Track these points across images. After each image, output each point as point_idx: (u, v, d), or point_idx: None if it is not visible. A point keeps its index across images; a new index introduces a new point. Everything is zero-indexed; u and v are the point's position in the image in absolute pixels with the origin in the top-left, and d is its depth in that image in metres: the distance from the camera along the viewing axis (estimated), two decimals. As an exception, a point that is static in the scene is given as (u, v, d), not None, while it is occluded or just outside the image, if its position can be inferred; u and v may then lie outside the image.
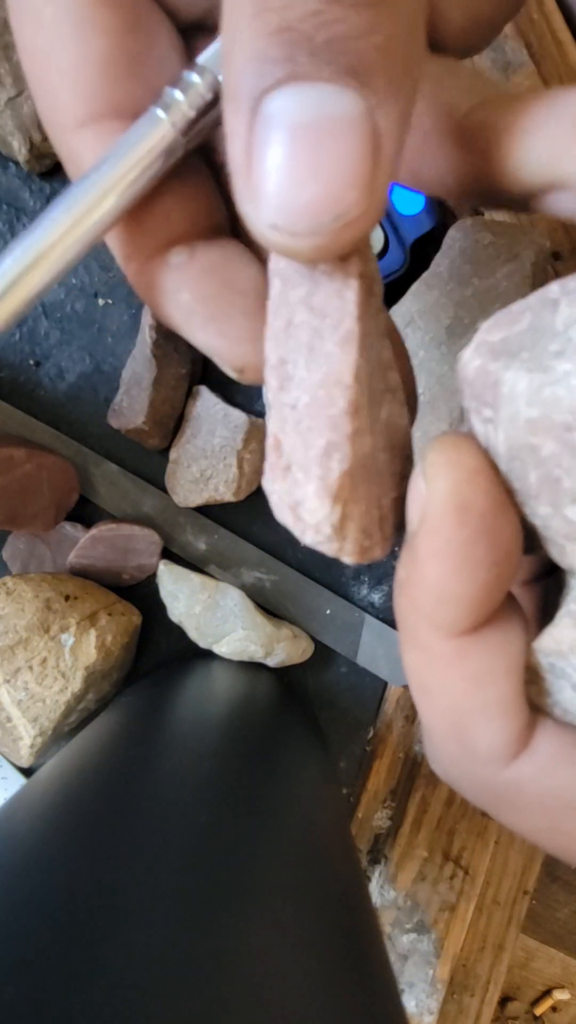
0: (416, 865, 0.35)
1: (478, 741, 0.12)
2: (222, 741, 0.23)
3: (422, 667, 0.12)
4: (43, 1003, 0.12)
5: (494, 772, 0.12)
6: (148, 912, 0.15)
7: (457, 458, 0.10)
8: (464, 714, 0.12)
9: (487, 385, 0.10)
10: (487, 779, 0.12)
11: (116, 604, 0.31)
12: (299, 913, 0.17)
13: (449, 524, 0.10)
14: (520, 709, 0.12)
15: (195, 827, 0.18)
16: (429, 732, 0.13)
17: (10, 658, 0.28)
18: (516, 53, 0.29)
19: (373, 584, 0.34)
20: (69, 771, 0.21)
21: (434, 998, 0.35)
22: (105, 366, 0.32)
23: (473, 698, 0.12)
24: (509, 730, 0.12)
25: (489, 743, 0.12)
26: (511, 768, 0.12)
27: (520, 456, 0.10)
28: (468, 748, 0.12)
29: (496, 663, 0.11)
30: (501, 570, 0.11)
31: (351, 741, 0.35)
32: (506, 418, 0.10)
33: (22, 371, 0.33)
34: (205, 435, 0.31)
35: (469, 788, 0.13)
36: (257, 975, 0.14)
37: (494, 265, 0.27)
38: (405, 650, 0.13)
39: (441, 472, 0.10)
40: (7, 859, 0.16)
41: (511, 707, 0.12)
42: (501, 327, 0.10)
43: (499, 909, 0.36)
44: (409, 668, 0.13)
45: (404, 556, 0.12)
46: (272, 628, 0.31)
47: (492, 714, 0.12)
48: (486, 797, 0.13)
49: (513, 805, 0.13)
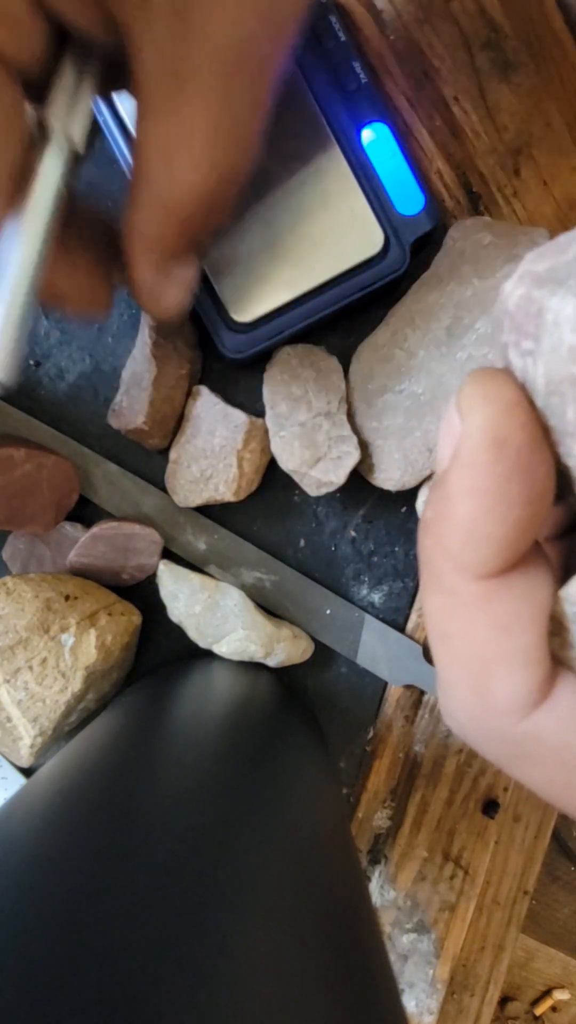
0: (416, 865, 0.35)
1: (498, 690, 0.12)
2: (222, 741, 0.23)
3: (445, 612, 0.12)
4: (43, 1003, 0.12)
5: (512, 723, 0.12)
6: (148, 912, 0.15)
7: (495, 391, 0.10)
8: (486, 662, 0.12)
9: (530, 314, 0.10)
10: (505, 730, 0.12)
11: (116, 604, 0.31)
12: (299, 913, 0.17)
13: (484, 459, 0.10)
14: (543, 659, 0.11)
15: (195, 827, 0.18)
16: (446, 682, 0.13)
17: (10, 658, 0.28)
18: (516, 53, 0.29)
19: (373, 584, 0.34)
20: (69, 771, 0.21)
21: (434, 998, 0.35)
22: (105, 366, 0.32)
23: (496, 645, 0.11)
24: (531, 680, 0.11)
25: (510, 693, 0.12)
26: (530, 719, 0.12)
27: (560, 390, 0.10)
28: (487, 698, 0.12)
29: (522, 609, 0.11)
30: (534, 510, 0.10)
31: (351, 741, 0.35)
32: (548, 348, 0.10)
33: (22, 371, 0.33)
34: (205, 435, 0.31)
35: (485, 740, 0.13)
36: (256, 975, 0.14)
37: (494, 265, 0.27)
38: (427, 595, 0.12)
39: (477, 405, 0.10)
40: (7, 859, 0.16)
41: (534, 656, 0.11)
42: (547, 257, 0.10)
43: (499, 909, 0.36)
44: (431, 614, 0.12)
45: (433, 495, 0.11)
46: (272, 628, 0.31)
47: (515, 663, 0.11)
48: (502, 749, 0.13)
49: (530, 758, 0.12)
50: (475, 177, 0.31)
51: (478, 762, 0.35)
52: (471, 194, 0.31)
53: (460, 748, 0.35)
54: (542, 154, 0.30)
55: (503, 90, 0.30)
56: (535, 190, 0.31)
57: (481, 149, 0.30)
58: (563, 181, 0.30)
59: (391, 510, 0.33)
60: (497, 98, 0.30)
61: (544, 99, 0.30)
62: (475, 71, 0.30)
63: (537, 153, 0.30)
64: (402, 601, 0.34)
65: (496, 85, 0.30)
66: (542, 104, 0.30)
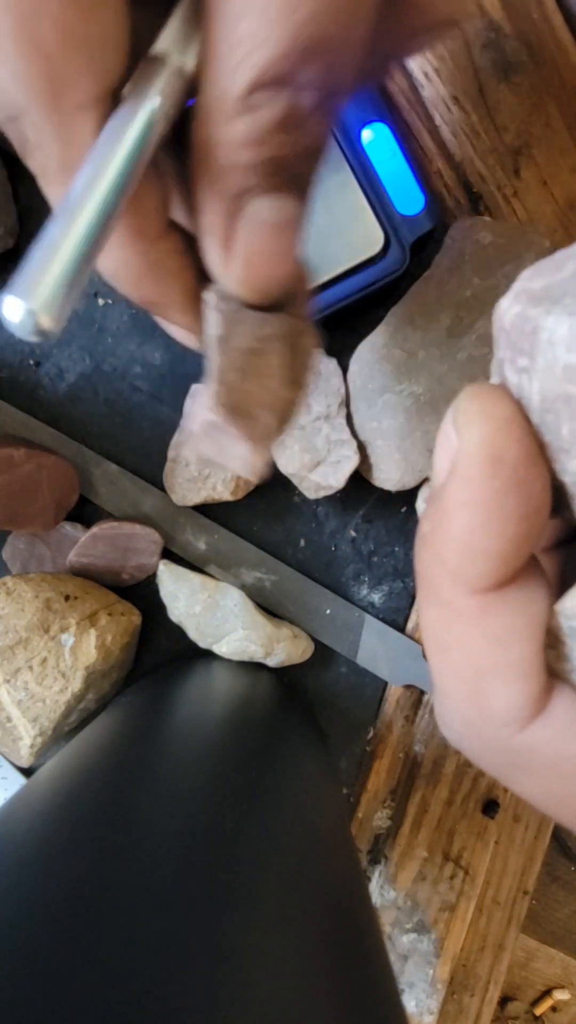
0: (416, 865, 0.35)
1: (495, 702, 0.12)
2: (222, 741, 0.23)
3: (442, 624, 0.12)
4: (43, 1003, 0.12)
5: (509, 735, 0.12)
6: (148, 912, 0.15)
7: (491, 407, 0.10)
8: (482, 674, 0.12)
9: (525, 332, 0.10)
10: (501, 742, 0.12)
11: (116, 604, 0.31)
12: (299, 913, 0.17)
13: (480, 474, 0.10)
14: (539, 672, 0.12)
15: (195, 827, 0.18)
16: (443, 693, 0.13)
17: (10, 658, 0.28)
18: (516, 53, 0.29)
19: (373, 584, 0.34)
20: (69, 771, 0.21)
21: (434, 998, 0.35)
22: (105, 366, 0.32)
23: (493, 657, 0.11)
24: (527, 692, 0.11)
25: (506, 705, 0.12)
26: (526, 732, 0.12)
27: (554, 407, 0.10)
28: (484, 709, 0.12)
29: (518, 623, 0.11)
30: (530, 525, 0.10)
31: (351, 741, 0.35)
32: (543, 366, 0.10)
33: (22, 371, 0.33)
34: (205, 435, 0.31)
35: (481, 751, 0.13)
36: (256, 975, 0.14)
37: (494, 265, 0.27)
38: (424, 607, 0.12)
39: (474, 421, 0.10)
40: (7, 859, 0.16)
41: (531, 669, 0.11)
42: (543, 275, 0.10)
43: (499, 909, 0.36)
44: (427, 626, 0.12)
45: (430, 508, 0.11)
46: (272, 628, 0.31)
47: (511, 675, 0.11)
48: (498, 760, 0.13)
49: (526, 769, 0.12)
50: (475, 177, 0.31)
51: (478, 762, 0.35)
52: (471, 194, 0.31)
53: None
54: (542, 154, 0.30)
55: (503, 90, 0.30)
56: (535, 190, 0.31)
57: (481, 149, 0.30)
58: (563, 181, 0.30)
59: (391, 510, 0.33)
60: (497, 98, 0.30)
61: (544, 99, 0.30)
62: (475, 71, 0.30)
63: (537, 153, 0.30)
64: (402, 601, 0.34)
65: (496, 85, 0.30)
66: (542, 104, 0.30)
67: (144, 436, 0.33)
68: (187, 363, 0.32)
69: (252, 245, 0.13)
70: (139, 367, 0.33)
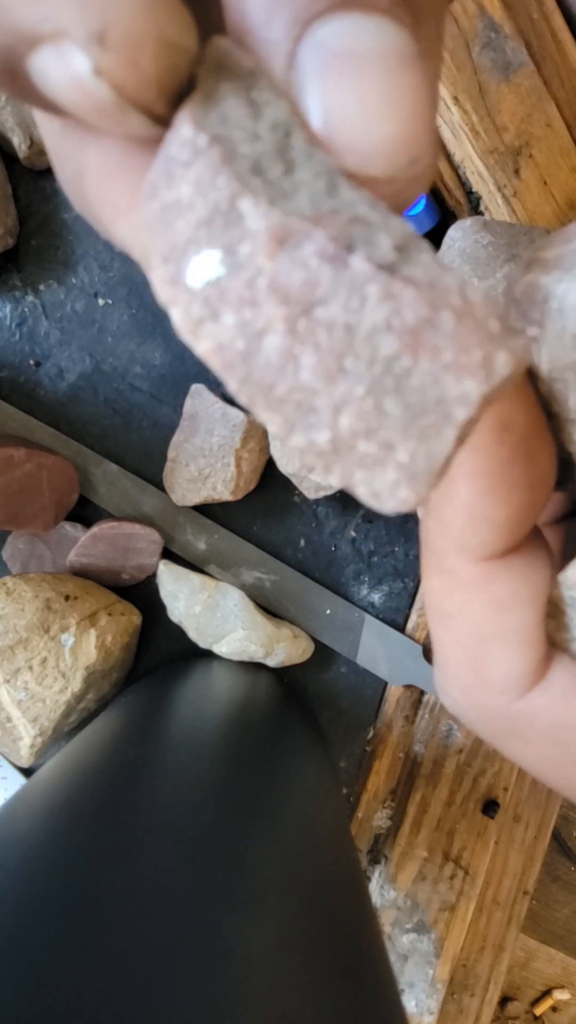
0: (416, 865, 0.35)
1: (495, 669, 0.12)
2: (222, 741, 0.23)
3: (445, 592, 0.12)
4: (43, 1002, 0.12)
5: (508, 702, 0.12)
6: (148, 912, 0.15)
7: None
8: (483, 641, 0.12)
9: (535, 301, 0.10)
10: (500, 708, 0.12)
11: (116, 604, 0.31)
12: (299, 913, 0.17)
13: (487, 442, 0.10)
14: (540, 640, 0.12)
15: (195, 827, 0.18)
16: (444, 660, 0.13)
17: (10, 658, 0.28)
18: (516, 53, 0.29)
19: (373, 584, 0.34)
20: (69, 771, 0.21)
21: (434, 998, 0.35)
22: (105, 366, 0.32)
23: (495, 624, 0.11)
24: (527, 660, 0.12)
25: (506, 672, 0.12)
26: (525, 698, 0.12)
27: (563, 376, 0.10)
28: (484, 676, 0.12)
29: (520, 591, 0.11)
30: (535, 494, 0.10)
31: (351, 741, 0.35)
32: (552, 335, 0.10)
33: (22, 371, 0.33)
34: (203, 434, 0.31)
35: (479, 718, 0.13)
36: (256, 975, 0.14)
37: (494, 265, 0.27)
38: (427, 575, 0.12)
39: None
40: (7, 859, 0.16)
41: (531, 637, 0.11)
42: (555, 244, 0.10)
43: (499, 909, 0.36)
44: (430, 593, 0.12)
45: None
46: (272, 628, 0.31)
47: (512, 642, 0.11)
48: (496, 726, 0.13)
49: (523, 736, 0.13)
50: (475, 177, 0.31)
51: (478, 762, 0.35)
52: (471, 194, 0.31)
53: (460, 748, 0.35)
54: (542, 154, 0.30)
55: (503, 90, 0.30)
56: (535, 190, 0.31)
57: (481, 149, 0.30)
58: (563, 181, 0.30)
59: (391, 510, 0.33)
60: (497, 98, 0.30)
61: (544, 99, 0.30)
62: (475, 71, 0.30)
63: (537, 153, 0.30)
64: (402, 601, 0.34)
65: (496, 85, 0.30)
66: (542, 104, 0.30)
67: (144, 436, 0.33)
68: (187, 363, 0.32)
69: (332, 90, 0.07)
70: (139, 367, 0.33)
